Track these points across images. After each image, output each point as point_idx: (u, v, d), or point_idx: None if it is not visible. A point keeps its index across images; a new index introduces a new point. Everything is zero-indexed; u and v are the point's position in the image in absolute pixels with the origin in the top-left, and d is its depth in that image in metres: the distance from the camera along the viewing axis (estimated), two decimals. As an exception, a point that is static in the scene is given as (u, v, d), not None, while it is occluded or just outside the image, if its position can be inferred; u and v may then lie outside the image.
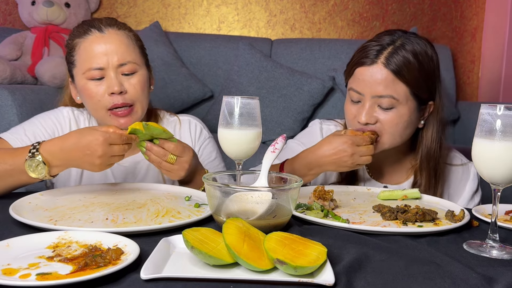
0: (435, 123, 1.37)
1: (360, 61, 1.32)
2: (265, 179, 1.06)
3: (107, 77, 1.31)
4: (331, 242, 0.87)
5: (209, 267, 0.76)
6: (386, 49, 1.29)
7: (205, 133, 1.56)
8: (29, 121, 1.41)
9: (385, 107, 1.29)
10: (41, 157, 1.08)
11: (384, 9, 3.18)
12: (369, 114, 1.30)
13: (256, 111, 1.09)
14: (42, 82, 2.45)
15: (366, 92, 1.30)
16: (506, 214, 1.17)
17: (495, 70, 3.11)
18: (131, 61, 1.33)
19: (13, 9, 2.99)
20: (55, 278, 0.68)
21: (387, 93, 1.27)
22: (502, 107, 0.86)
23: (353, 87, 1.33)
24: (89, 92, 1.31)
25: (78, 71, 1.33)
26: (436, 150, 1.37)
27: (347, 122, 1.39)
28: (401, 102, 1.29)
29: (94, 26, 1.34)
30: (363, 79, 1.30)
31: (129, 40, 1.36)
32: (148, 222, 0.97)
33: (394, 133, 1.31)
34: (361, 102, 1.32)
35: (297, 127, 2.69)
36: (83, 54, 1.33)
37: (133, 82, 1.33)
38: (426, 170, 1.38)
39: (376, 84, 1.28)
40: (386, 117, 1.29)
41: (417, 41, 1.31)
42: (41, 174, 1.09)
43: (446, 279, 0.74)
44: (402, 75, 1.27)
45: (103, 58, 1.30)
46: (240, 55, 2.76)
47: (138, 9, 3.14)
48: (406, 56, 1.27)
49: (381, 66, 1.28)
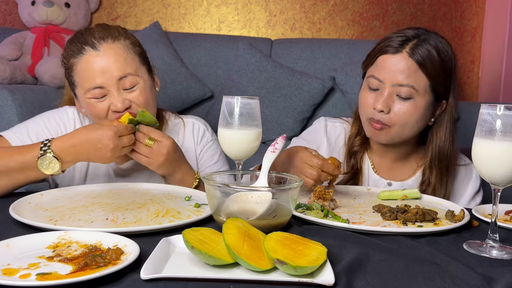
0: (449, 122, 1.39)
1: (384, 49, 1.34)
2: (265, 179, 1.06)
3: (110, 95, 1.29)
4: (331, 242, 0.87)
5: (209, 267, 0.76)
6: (411, 40, 1.32)
7: (207, 135, 1.55)
8: (33, 120, 1.40)
9: (404, 96, 1.30)
10: (52, 153, 1.12)
11: (384, 9, 3.18)
12: (386, 102, 1.31)
13: (256, 111, 1.09)
14: (42, 82, 2.45)
15: (387, 80, 1.31)
16: (506, 214, 1.17)
17: (495, 70, 3.11)
18: (131, 73, 1.30)
19: (13, 9, 2.99)
20: (55, 278, 0.68)
21: (408, 83, 1.30)
22: (502, 107, 0.86)
23: (374, 74, 1.35)
24: (94, 109, 1.30)
25: (80, 91, 1.32)
26: (449, 149, 1.39)
27: (360, 109, 1.40)
28: (420, 94, 1.31)
29: (87, 43, 1.29)
30: (385, 67, 1.32)
31: (126, 50, 1.31)
32: (148, 222, 0.97)
33: (405, 125, 1.32)
34: (379, 90, 1.34)
35: (297, 127, 2.68)
36: (80, 75, 1.30)
37: (136, 95, 1.31)
38: (437, 169, 1.39)
39: (399, 72, 1.30)
40: (402, 108, 1.31)
41: (440, 39, 1.35)
42: (55, 170, 1.13)
43: (446, 279, 0.74)
44: (424, 67, 1.30)
45: (101, 77, 1.27)
46: (240, 55, 2.76)
47: (138, 9, 3.13)
48: (430, 50, 1.31)
49: (406, 55, 1.30)
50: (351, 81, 2.61)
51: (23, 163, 1.13)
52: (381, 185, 1.45)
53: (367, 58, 1.41)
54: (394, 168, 1.47)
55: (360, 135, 1.47)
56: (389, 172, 1.46)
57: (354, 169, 1.45)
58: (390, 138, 1.35)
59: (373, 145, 1.47)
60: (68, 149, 1.13)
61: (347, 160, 1.46)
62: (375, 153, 1.47)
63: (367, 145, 1.48)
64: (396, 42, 1.33)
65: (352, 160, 1.46)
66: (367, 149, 1.48)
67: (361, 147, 1.46)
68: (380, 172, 1.47)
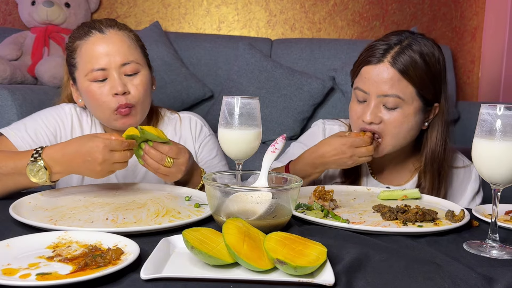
0: (440, 125, 1.37)
1: (366, 60, 1.32)
2: (265, 179, 1.06)
3: (110, 78, 1.30)
4: (331, 242, 0.87)
5: (209, 267, 0.75)
6: (393, 48, 1.29)
7: (205, 130, 1.55)
8: (31, 117, 1.40)
9: (390, 106, 1.29)
10: (43, 162, 1.08)
11: (384, 9, 3.18)
12: (374, 113, 1.30)
13: (256, 111, 1.09)
14: (42, 82, 2.45)
15: (372, 91, 1.30)
16: (506, 214, 1.17)
17: (495, 70, 3.11)
18: (134, 60, 1.33)
19: (13, 9, 2.99)
20: (55, 278, 0.68)
21: (393, 93, 1.27)
22: (502, 107, 0.86)
23: (359, 86, 1.33)
24: (93, 93, 1.31)
25: (81, 73, 1.33)
26: (440, 152, 1.37)
27: (351, 122, 1.39)
28: (407, 102, 1.28)
29: (95, 27, 1.33)
30: (368, 78, 1.30)
31: (130, 40, 1.36)
32: (148, 222, 0.97)
33: (398, 134, 1.31)
34: (366, 101, 1.32)
35: (297, 127, 2.69)
36: (84, 56, 1.32)
37: (135, 83, 1.32)
38: (430, 172, 1.38)
39: (382, 83, 1.28)
40: (391, 117, 1.29)
41: (425, 42, 1.31)
42: (42, 179, 1.10)
43: (446, 279, 0.74)
44: (408, 74, 1.27)
45: (105, 59, 1.30)
46: (240, 55, 2.76)
47: (138, 9, 3.14)
48: (413, 56, 1.27)
49: (388, 65, 1.28)
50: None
51: (15, 168, 1.12)
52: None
53: (353, 68, 1.40)
54: (392, 172, 1.46)
55: None
56: (387, 176, 1.46)
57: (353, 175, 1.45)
58: (385, 151, 1.34)
59: None
60: (58, 158, 1.09)
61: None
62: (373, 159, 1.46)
63: None
64: (378, 52, 1.30)
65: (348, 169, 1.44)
66: None
67: None
68: (379, 177, 1.46)
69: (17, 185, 1.15)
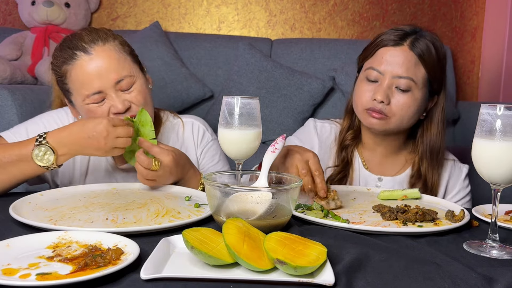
0: (440, 117, 1.42)
1: (384, 42, 1.38)
2: (265, 179, 1.06)
3: (108, 98, 1.28)
4: (331, 242, 0.87)
5: (209, 267, 0.75)
6: (410, 35, 1.36)
7: (207, 135, 1.54)
8: (32, 120, 1.40)
9: (403, 88, 1.33)
10: (48, 144, 1.11)
11: (384, 9, 3.18)
12: (386, 93, 1.34)
13: (256, 111, 1.09)
14: (42, 82, 2.44)
15: (387, 72, 1.34)
16: (506, 214, 1.17)
17: (495, 70, 3.10)
18: (127, 74, 1.29)
19: (13, 9, 2.99)
20: (55, 278, 0.68)
21: (408, 75, 1.33)
22: (502, 107, 0.86)
23: (373, 66, 1.37)
24: (94, 113, 1.29)
25: (77, 98, 1.30)
26: (441, 144, 1.42)
27: (357, 101, 1.41)
28: (418, 87, 1.34)
29: (78, 48, 1.27)
30: (386, 59, 1.36)
31: (117, 51, 1.30)
32: (148, 222, 0.97)
33: (403, 117, 1.35)
34: (378, 81, 1.36)
35: (297, 127, 2.67)
36: (76, 82, 1.28)
37: (134, 95, 1.31)
38: (429, 162, 1.41)
39: (399, 65, 1.34)
40: (401, 100, 1.34)
41: (434, 36, 1.40)
42: (49, 162, 1.12)
43: (446, 279, 0.74)
44: (424, 59, 1.34)
45: (98, 81, 1.26)
46: (240, 55, 2.76)
47: (138, 9, 3.13)
48: (428, 44, 1.35)
49: (407, 48, 1.35)
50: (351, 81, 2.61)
51: (19, 155, 1.13)
52: (371, 181, 1.46)
53: (364, 51, 1.45)
54: (384, 163, 1.48)
55: (352, 129, 1.50)
56: (379, 167, 1.48)
57: (344, 161, 1.47)
58: (388, 128, 1.37)
59: (365, 140, 1.49)
60: (63, 139, 1.13)
61: (338, 154, 1.49)
62: (365, 148, 1.49)
63: (358, 140, 1.50)
64: (396, 36, 1.37)
65: (343, 153, 1.48)
66: (358, 145, 1.50)
67: (352, 141, 1.49)
68: (371, 167, 1.48)
69: (22, 172, 1.16)
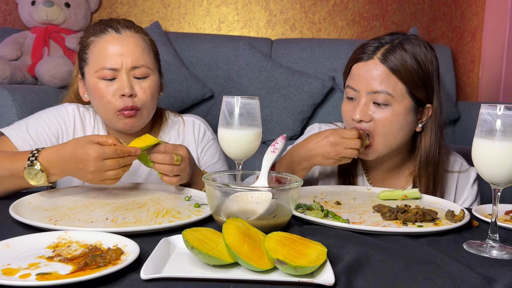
0: (433, 126, 1.35)
1: (357, 58, 1.33)
2: (265, 179, 1.06)
3: (119, 79, 1.30)
4: (331, 242, 0.87)
5: (209, 267, 0.75)
6: (383, 46, 1.30)
7: (208, 134, 1.55)
8: (33, 117, 1.40)
9: (380, 102, 1.28)
10: (39, 165, 1.09)
11: (384, 9, 3.18)
12: (363, 111, 1.29)
13: (256, 111, 1.09)
14: (42, 82, 2.45)
15: (362, 88, 1.30)
16: (506, 214, 1.17)
17: (495, 70, 3.11)
18: (145, 65, 1.33)
19: (13, 9, 2.99)
20: (55, 278, 0.68)
21: (382, 89, 1.27)
22: (502, 107, 0.86)
23: (349, 84, 1.33)
24: (99, 91, 1.31)
25: (90, 69, 1.33)
26: (435, 155, 1.35)
27: (344, 122, 1.39)
28: (397, 99, 1.28)
29: (111, 26, 1.34)
30: (358, 75, 1.31)
31: (145, 44, 1.36)
32: (148, 222, 0.97)
33: (388, 134, 1.29)
34: (356, 99, 1.32)
35: (297, 127, 2.68)
36: (97, 53, 1.32)
37: (144, 86, 1.32)
38: (425, 176, 1.36)
39: (372, 79, 1.28)
40: (381, 115, 1.28)
41: (417, 42, 1.32)
42: (40, 182, 1.10)
43: (446, 279, 0.74)
44: (398, 71, 1.27)
45: (117, 59, 1.30)
46: (240, 55, 2.76)
47: (138, 9, 3.13)
48: (403, 54, 1.28)
49: (377, 61, 1.29)
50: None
51: (12, 171, 1.12)
52: None
53: (345, 68, 1.39)
54: (388, 178, 1.45)
55: None
56: (383, 183, 1.45)
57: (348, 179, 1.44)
58: (377, 152, 1.32)
59: None
60: (53, 162, 1.09)
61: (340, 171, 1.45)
62: (368, 164, 1.45)
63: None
64: (369, 49, 1.31)
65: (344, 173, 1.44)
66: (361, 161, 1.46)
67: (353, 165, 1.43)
68: (375, 183, 1.45)
69: (16, 186, 1.16)
